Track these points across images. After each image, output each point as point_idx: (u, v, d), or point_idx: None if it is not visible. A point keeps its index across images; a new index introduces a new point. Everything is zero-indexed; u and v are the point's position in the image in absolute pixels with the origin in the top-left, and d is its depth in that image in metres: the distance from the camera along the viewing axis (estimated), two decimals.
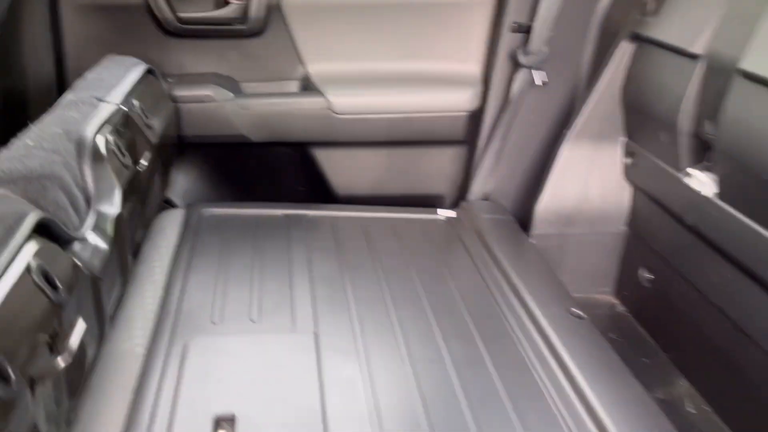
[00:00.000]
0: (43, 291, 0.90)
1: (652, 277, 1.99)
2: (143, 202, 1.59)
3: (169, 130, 1.92)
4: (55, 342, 0.89)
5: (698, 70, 1.64)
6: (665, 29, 1.80)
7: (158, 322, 1.46)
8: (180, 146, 2.10)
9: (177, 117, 2.02)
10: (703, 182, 1.67)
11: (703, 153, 1.69)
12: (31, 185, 1.07)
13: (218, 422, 1.20)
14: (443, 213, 2.18)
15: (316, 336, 1.49)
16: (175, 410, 1.22)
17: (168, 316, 1.50)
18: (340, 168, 2.22)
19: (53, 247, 0.98)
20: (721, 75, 1.55)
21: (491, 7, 2.13)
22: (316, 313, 1.58)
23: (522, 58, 2.03)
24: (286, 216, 2.08)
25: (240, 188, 2.26)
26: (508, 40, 2.07)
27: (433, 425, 1.25)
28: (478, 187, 2.24)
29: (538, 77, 2.05)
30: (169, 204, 2.14)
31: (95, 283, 1.13)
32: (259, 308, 1.58)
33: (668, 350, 1.92)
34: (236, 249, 1.87)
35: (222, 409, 1.23)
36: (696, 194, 1.69)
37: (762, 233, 1.47)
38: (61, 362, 0.90)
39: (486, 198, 2.26)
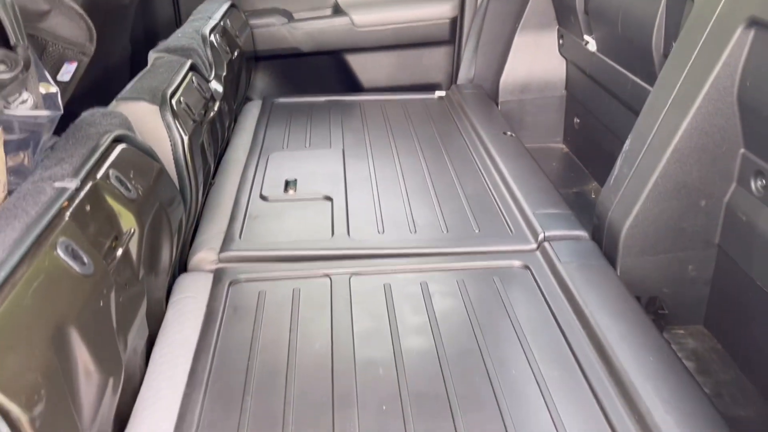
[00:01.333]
0: (198, 89, 1.91)
1: (579, 121, 2.85)
2: (238, 79, 2.61)
3: (247, 45, 2.93)
4: (205, 112, 1.90)
5: None
6: None
7: (251, 145, 2.49)
8: (255, 58, 3.11)
9: (252, 37, 3.02)
10: (591, 43, 2.53)
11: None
12: (183, 52, 2.08)
13: (287, 182, 2.20)
14: (438, 93, 3.09)
15: (343, 151, 2.46)
16: (264, 179, 2.23)
17: (257, 144, 2.51)
18: (364, 67, 3.18)
19: (198, 75, 1.99)
20: None
21: None
22: (344, 144, 2.55)
23: None
24: (329, 101, 3.05)
25: (297, 85, 3.26)
26: None
27: (409, 194, 2.17)
28: (463, 74, 3.15)
29: None
30: (249, 99, 3.16)
31: (217, 100, 2.15)
32: (309, 141, 2.58)
33: (588, 167, 2.79)
34: (296, 121, 2.85)
35: (288, 176, 2.23)
36: (590, 53, 2.54)
37: (623, 71, 2.32)
38: (212, 110, 1.92)
39: (470, 81, 3.16)
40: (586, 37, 2.55)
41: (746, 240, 1.60)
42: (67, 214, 1.11)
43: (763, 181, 1.52)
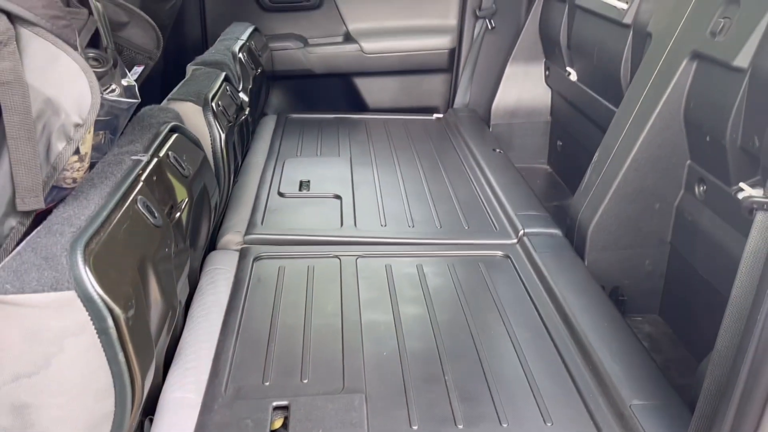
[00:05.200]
0: (231, 97, 2.23)
1: (561, 144, 3.18)
2: (259, 93, 2.94)
3: (267, 65, 3.26)
4: (236, 117, 2.22)
5: (564, 9, 2.84)
6: None
7: (269, 152, 2.80)
8: (273, 77, 3.44)
9: (271, 58, 3.36)
10: (572, 74, 2.87)
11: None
12: (217, 65, 2.40)
13: (301, 183, 2.50)
14: (436, 115, 3.43)
15: (350, 159, 2.78)
16: (281, 179, 2.53)
17: (274, 151, 2.83)
18: (370, 89, 3.52)
19: (231, 85, 2.31)
20: (573, 9, 2.75)
21: None
22: (350, 154, 2.87)
23: (478, 12, 3.27)
24: (337, 118, 3.38)
25: (308, 103, 3.59)
26: (470, 1, 3.31)
27: (408, 196, 2.47)
28: (459, 99, 3.49)
29: (489, 24, 3.28)
30: (265, 114, 3.48)
31: (245, 108, 2.46)
32: (320, 150, 2.89)
33: (568, 185, 3.10)
34: (307, 134, 3.17)
35: (302, 178, 2.53)
36: (571, 82, 2.88)
37: (597, 97, 2.65)
38: (241, 115, 2.23)
39: (465, 106, 3.50)
40: (568, 69, 2.89)
41: (692, 237, 1.91)
42: (142, 179, 1.41)
43: (704, 187, 1.83)
